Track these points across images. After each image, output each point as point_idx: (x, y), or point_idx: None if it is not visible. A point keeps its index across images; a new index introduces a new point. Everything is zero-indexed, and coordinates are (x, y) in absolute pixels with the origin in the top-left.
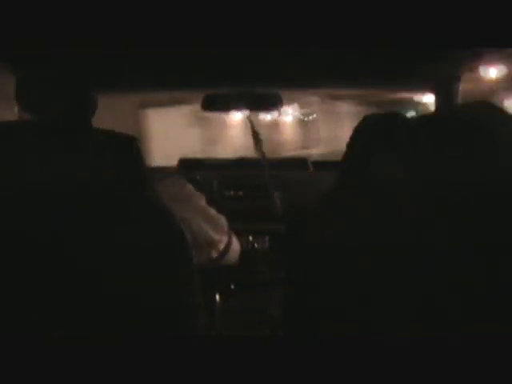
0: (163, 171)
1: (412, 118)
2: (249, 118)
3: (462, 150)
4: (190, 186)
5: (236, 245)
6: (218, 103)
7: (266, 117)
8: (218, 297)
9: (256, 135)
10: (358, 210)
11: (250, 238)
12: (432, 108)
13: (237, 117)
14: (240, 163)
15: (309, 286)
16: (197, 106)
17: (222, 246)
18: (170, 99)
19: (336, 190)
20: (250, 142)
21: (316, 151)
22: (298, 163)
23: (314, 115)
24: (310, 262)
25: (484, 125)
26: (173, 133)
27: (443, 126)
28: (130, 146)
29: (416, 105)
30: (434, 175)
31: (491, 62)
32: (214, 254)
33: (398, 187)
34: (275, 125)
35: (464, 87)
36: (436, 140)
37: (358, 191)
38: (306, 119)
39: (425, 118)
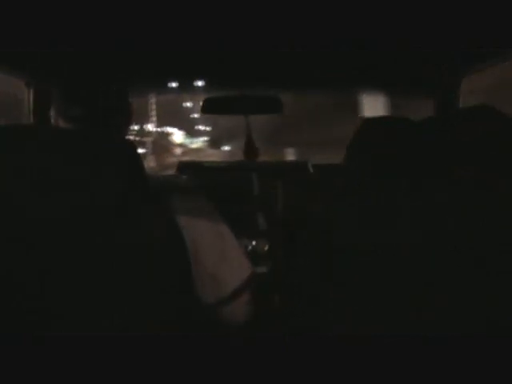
0: (164, 178)
1: (412, 121)
2: (247, 121)
3: (463, 153)
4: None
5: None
6: (217, 106)
7: None
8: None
9: (250, 139)
10: (358, 212)
11: (250, 240)
12: None
13: None
14: (240, 166)
15: (309, 286)
16: None
17: (230, 289)
18: None
19: (336, 193)
20: None
21: None
22: (299, 166)
23: None
24: (310, 264)
25: (485, 128)
26: None
27: (443, 128)
28: (130, 153)
29: None
30: (435, 177)
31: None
32: (220, 294)
33: (399, 189)
34: None
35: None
36: (436, 143)
37: (358, 193)
38: None
39: (425, 122)
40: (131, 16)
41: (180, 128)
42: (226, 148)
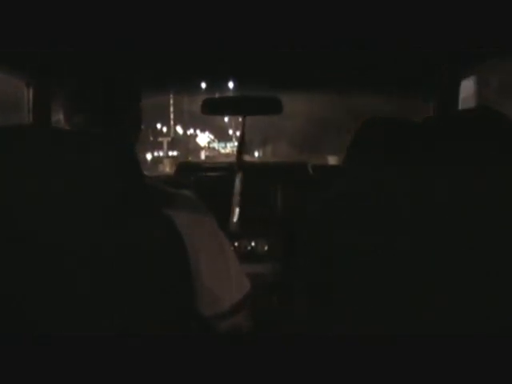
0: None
1: (412, 121)
2: (243, 121)
3: (463, 154)
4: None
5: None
6: (216, 107)
7: None
8: None
9: (242, 138)
10: (359, 212)
11: (250, 240)
12: None
13: None
14: (240, 166)
15: (309, 286)
16: None
17: (228, 305)
18: None
19: (336, 193)
20: None
21: None
22: (298, 167)
23: None
24: (310, 264)
25: (485, 129)
26: None
27: (444, 130)
28: (130, 154)
29: None
30: (435, 177)
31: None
32: (217, 308)
33: (399, 190)
34: None
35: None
36: (436, 144)
37: (358, 193)
38: None
39: (425, 123)
40: (133, 16)
41: (210, 131)
42: (256, 154)
